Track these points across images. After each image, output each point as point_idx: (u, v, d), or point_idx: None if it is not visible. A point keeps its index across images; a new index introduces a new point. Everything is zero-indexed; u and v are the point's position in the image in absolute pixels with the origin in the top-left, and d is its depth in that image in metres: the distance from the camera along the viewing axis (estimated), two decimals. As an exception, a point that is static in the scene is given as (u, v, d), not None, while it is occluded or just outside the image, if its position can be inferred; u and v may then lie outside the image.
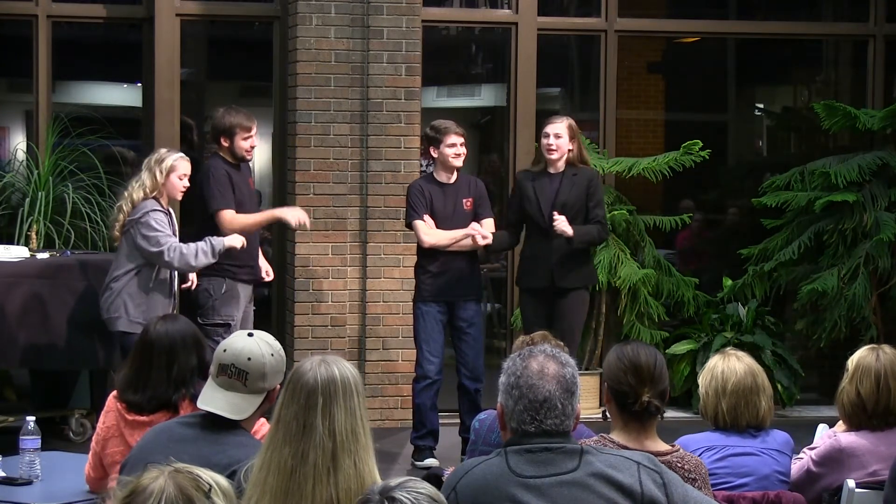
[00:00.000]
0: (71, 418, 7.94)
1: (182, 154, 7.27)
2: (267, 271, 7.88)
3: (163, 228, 6.98)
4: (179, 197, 7.24)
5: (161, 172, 7.06)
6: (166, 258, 6.97)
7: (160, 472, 2.55)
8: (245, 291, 7.54)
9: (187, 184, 7.21)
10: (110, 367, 7.54)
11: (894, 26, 9.70)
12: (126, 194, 7.13)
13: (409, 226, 7.65)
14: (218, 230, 7.31)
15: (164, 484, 2.51)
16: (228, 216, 7.37)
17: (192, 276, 7.49)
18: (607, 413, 3.96)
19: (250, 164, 8.06)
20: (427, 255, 7.57)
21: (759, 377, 4.54)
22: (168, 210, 7.18)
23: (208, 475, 2.61)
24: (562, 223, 7.33)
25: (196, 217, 7.56)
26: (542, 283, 7.49)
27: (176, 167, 7.11)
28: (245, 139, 7.53)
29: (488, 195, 7.86)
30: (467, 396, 7.62)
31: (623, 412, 3.81)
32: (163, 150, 7.22)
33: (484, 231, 7.53)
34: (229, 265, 7.40)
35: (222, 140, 7.49)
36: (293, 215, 7.63)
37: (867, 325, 8.83)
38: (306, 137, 8.56)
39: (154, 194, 7.06)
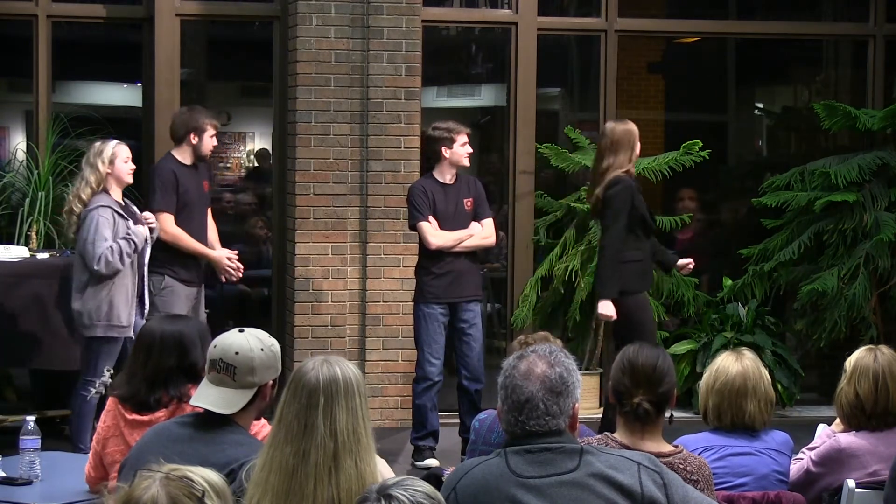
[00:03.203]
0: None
1: (118, 140, 7.35)
2: (238, 268, 7.85)
3: (104, 230, 7.01)
4: (130, 180, 7.31)
5: (104, 163, 7.15)
6: (94, 266, 7.01)
7: (151, 479, 2.54)
8: (186, 292, 7.62)
9: (133, 166, 7.29)
10: (85, 369, 7.53)
11: (894, 26, 9.69)
12: (72, 196, 7.19)
13: (414, 227, 7.64)
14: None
15: (156, 494, 2.50)
16: (164, 219, 7.49)
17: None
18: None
19: (208, 165, 8.14)
20: (430, 257, 7.56)
21: (750, 381, 4.52)
22: (122, 202, 7.22)
23: (200, 476, 2.60)
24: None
25: None
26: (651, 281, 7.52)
27: (118, 153, 7.21)
28: (212, 136, 7.72)
29: (487, 195, 7.87)
30: (467, 397, 7.63)
31: (620, 412, 3.84)
32: (97, 144, 7.26)
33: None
34: (169, 264, 7.52)
35: (191, 137, 7.61)
36: (223, 266, 7.70)
37: (867, 325, 8.83)
38: (306, 137, 8.56)
39: (101, 188, 7.13)
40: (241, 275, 7.86)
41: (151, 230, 7.32)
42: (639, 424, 3.81)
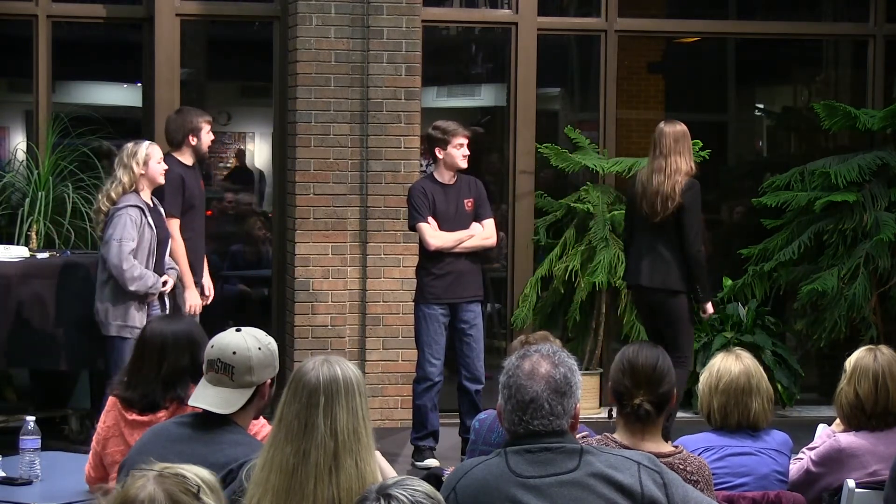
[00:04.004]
0: (71, 418, 7.94)
1: (150, 141, 7.38)
2: (209, 288, 7.83)
3: (131, 230, 6.98)
4: (163, 181, 7.29)
5: (138, 164, 7.12)
6: (122, 264, 6.93)
7: (146, 477, 2.53)
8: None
9: (165, 166, 7.29)
10: (110, 368, 7.54)
11: (894, 26, 9.69)
12: (102, 195, 7.16)
13: (413, 228, 7.63)
14: None
15: (152, 492, 2.50)
16: (172, 224, 7.46)
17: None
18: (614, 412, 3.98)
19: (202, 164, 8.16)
20: (430, 257, 7.55)
21: (753, 379, 4.54)
22: (150, 203, 7.21)
23: (194, 473, 2.60)
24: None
25: None
26: None
27: (151, 154, 7.20)
28: (208, 133, 7.73)
29: (488, 196, 7.86)
30: (467, 397, 7.62)
31: (620, 412, 3.84)
32: (130, 145, 7.23)
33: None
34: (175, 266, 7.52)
35: (190, 138, 7.62)
36: (191, 300, 7.58)
37: (867, 325, 8.83)
38: (306, 137, 8.56)
39: (133, 188, 7.11)
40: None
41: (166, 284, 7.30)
42: (639, 425, 3.81)
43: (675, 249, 7.26)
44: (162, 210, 7.37)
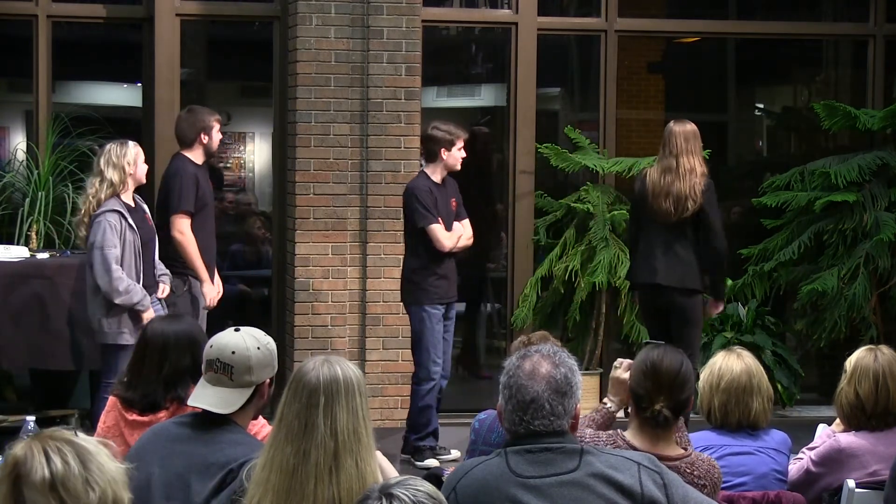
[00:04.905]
0: (71, 418, 7.94)
1: (132, 141, 7.35)
2: (218, 285, 7.80)
3: (112, 236, 6.94)
4: (145, 181, 7.33)
5: (130, 164, 7.13)
6: (113, 272, 6.88)
7: (24, 442, 2.52)
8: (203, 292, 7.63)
9: (147, 166, 7.33)
10: (103, 372, 7.52)
11: (894, 26, 9.70)
12: (90, 197, 7.13)
13: (424, 229, 7.57)
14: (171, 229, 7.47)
15: (41, 445, 2.48)
16: (184, 222, 7.46)
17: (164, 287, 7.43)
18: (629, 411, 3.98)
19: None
20: (437, 259, 7.57)
21: (755, 378, 4.54)
22: (132, 203, 7.18)
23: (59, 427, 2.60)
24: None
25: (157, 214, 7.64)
26: None
27: (139, 153, 7.23)
28: (218, 132, 7.75)
29: (488, 196, 7.89)
30: (438, 394, 7.72)
31: (637, 414, 3.84)
32: (114, 146, 7.21)
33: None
34: (190, 267, 7.51)
35: (202, 136, 7.62)
36: (210, 293, 7.59)
37: (867, 325, 8.83)
38: (306, 137, 8.56)
39: (120, 190, 7.10)
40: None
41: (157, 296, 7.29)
42: (657, 431, 3.81)
43: (691, 249, 7.22)
44: (146, 207, 7.35)
